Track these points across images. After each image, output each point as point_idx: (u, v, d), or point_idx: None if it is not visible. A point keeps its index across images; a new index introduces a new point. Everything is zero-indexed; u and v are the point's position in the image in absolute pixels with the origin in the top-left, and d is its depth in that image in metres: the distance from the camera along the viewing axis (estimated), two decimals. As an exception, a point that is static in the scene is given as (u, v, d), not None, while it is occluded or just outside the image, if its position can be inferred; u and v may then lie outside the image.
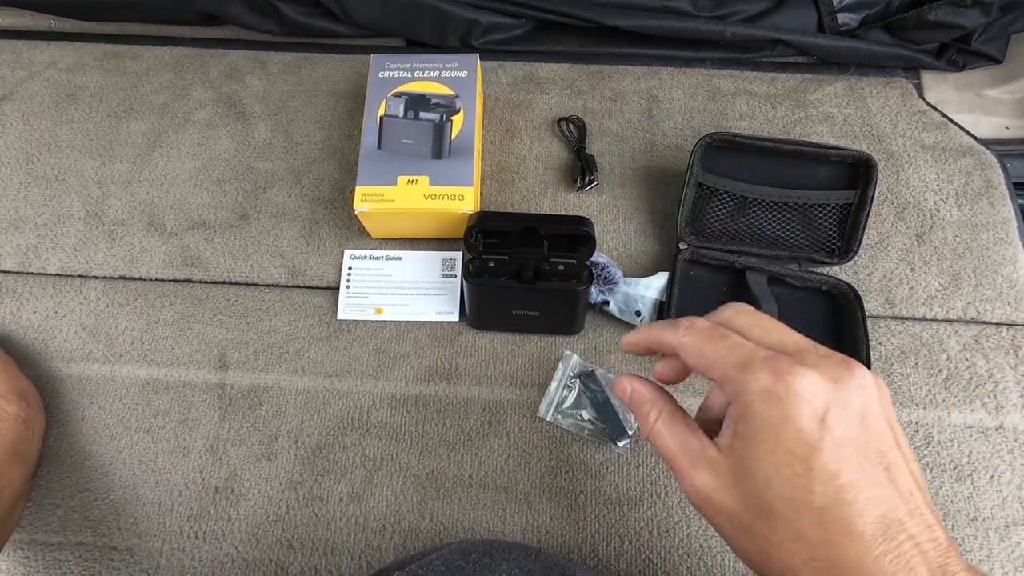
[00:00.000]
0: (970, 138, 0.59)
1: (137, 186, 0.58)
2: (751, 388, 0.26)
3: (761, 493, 0.26)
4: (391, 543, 0.46)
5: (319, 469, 0.48)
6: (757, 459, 0.26)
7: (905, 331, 0.51)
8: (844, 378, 0.26)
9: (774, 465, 0.25)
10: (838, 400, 0.25)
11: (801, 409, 0.25)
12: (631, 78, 0.63)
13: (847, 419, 0.25)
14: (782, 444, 0.25)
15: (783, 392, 0.25)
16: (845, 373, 0.26)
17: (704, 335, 0.29)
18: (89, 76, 0.63)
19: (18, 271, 0.54)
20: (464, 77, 0.55)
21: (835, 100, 0.61)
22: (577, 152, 0.58)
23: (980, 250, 0.54)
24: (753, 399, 0.26)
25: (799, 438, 0.25)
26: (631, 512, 0.46)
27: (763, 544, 0.26)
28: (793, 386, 0.25)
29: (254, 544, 0.46)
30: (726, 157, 0.52)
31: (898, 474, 0.25)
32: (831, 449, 0.25)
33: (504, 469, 0.48)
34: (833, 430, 0.25)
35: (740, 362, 0.27)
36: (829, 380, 0.25)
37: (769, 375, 0.26)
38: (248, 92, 0.62)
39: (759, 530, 0.26)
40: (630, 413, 0.48)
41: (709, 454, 0.28)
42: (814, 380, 0.25)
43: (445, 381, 0.50)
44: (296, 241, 0.55)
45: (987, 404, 0.49)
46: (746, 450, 0.26)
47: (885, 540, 0.24)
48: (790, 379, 0.25)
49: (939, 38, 0.60)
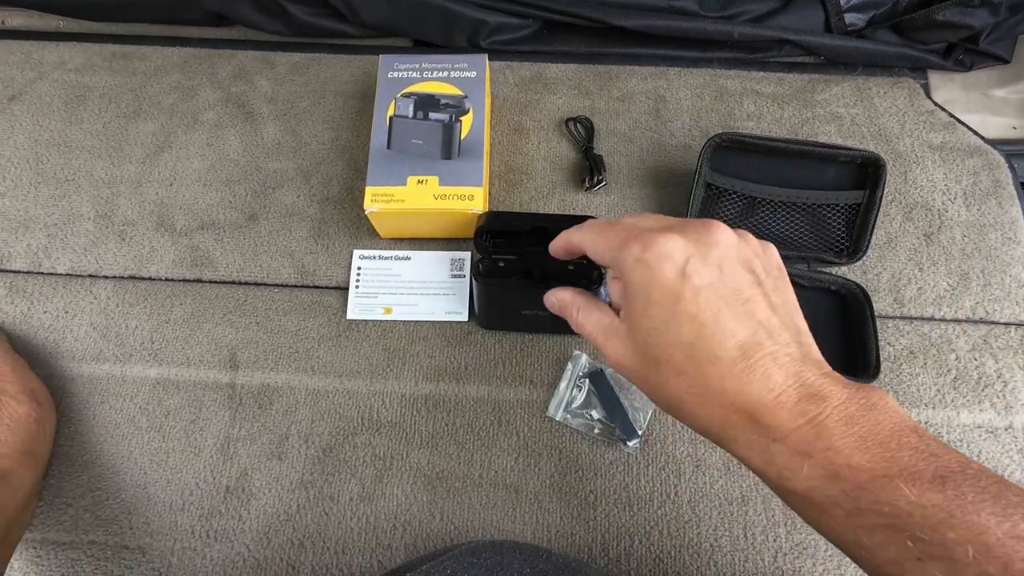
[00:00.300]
0: (978, 138, 0.59)
1: (146, 186, 0.58)
2: (627, 260, 0.31)
3: (646, 344, 0.31)
4: (402, 542, 0.46)
5: (329, 468, 0.48)
6: (638, 318, 0.31)
7: (914, 331, 0.51)
8: (702, 235, 0.30)
9: (649, 318, 0.30)
10: (696, 253, 0.30)
11: (664, 267, 0.30)
12: (638, 78, 0.63)
13: (704, 268, 0.30)
14: (653, 299, 0.30)
15: (650, 257, 0.30)
16: (703, 231, 0.31)
17: (596, 228, 0.34)
18: (98, 77, 0.63)
19: (28, 271, 0.55)
20: (473, 77, 0.55)
21: (842, 100, 0.61)
22: (585, 152, 0.58)
23: (988, 250, 0.54)
24: (628, 267, 0.31)
25: (664, 290, 0.30)
26: (641, 511, 0.46)
27: (659, 386, 0.31)
28: (656, 249, 0.30)
29: (265, 543, 0.46)
30: (735, 157, 0.52)
31: (756, 307, 0.30)
32: (691, 295, 0.29)
33: (514, 469, 0.48)
34: (692, 279, 0.29)
35: (619, 242, 0.32)
36: (690, 239, 0.30)
37: (639, 245, 0.30)
38: (256, 92, 0.62)
39: (653, 376, 0.31)
40: (640, 412, 0.49)
41: (614, 325, 0.33)
42: (675, 241, 0.30)
43: (454, 381, 0.50)
44: (305, 241, 0.55)
45: (996, 404, 0.49)
46: (631, 313, 0.31)
47: (743, 359, 0.28)
48: (654, 245, 0.30)
49: (947, 38, 0.60)
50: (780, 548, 0.45)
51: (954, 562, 0.23)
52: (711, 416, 0.29)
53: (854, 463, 0.26)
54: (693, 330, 0.29)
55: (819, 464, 0.27)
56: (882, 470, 0.26)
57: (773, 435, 0.28)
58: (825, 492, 0.26)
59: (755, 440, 0.28)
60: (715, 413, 0.29)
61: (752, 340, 0.29)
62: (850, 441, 0.27)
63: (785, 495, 0.29)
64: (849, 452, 0.26)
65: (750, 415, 0.28)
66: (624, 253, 0.31)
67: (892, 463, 0.26)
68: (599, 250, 0.33)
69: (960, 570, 0.23)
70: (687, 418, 0.31)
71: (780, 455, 0.28)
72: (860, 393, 0.28)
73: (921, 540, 0.24)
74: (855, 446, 0.26)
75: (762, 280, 0.31)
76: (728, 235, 0.31)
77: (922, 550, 0.24)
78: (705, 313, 0.29)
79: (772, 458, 0.28)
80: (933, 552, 0.24)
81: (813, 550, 0.45)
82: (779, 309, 0.30)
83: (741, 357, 0.29)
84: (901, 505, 0.25)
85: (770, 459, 0.28)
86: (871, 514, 0.25)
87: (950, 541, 0.23)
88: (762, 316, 0.30)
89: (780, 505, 0.46)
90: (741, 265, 0.31)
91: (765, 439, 0.28)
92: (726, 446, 0.30)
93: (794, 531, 0.46)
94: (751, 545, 0.45)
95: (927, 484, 0.25)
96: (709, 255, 0.30)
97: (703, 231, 0.31)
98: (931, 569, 0.24)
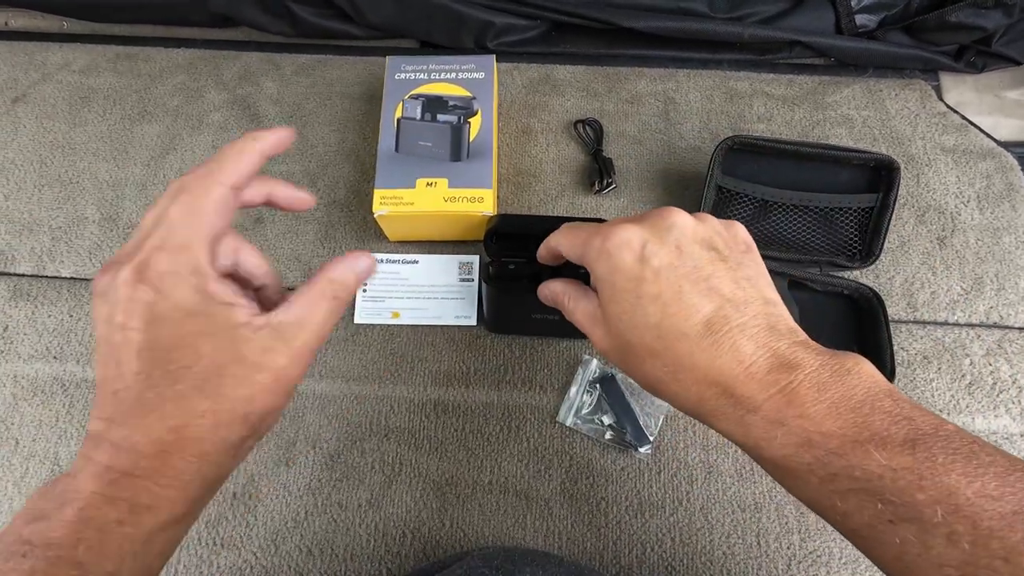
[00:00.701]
0: (990, 140, 0.58)
1: (151, 188, 0.57)
2: (590, 254, 0.32)
3: (618, 329, 0.31)
4: (411, 549, 0.46)
5: (337, 475, 0.47)
6: (607, 304, 0.32)
7: (927, 336, 0.51)
8: (657, 221, 0.32)
9: (617, 304, 0.31)
10: (653, 238, 0.31)
11: (623, 255, 0.31)
12: (647, 80, 0.62)
13: (662, 250, 0.31)
14: (617, 286, 0.31)
15: (610, 247, 0.31)
16: (658, 217, 0.32)
17: (567, 231, 0.35)
18: (102, 78, 0.63)
19: (33, 274, 0.54)
20: (481, 79, 0.54)
21: (853, 102, 0.61)
22: (594, 155, 0.57)
23: (1002, 254, 0.53)
24: (592, 260, 0.32)
25: (626, 276, 0.31)
26: (653, 518, 0.46)
27: (636, 368, 0.32)
28: (614, 239, 0.31)
29: (273, 551, 0.45)
30: (746, 160, 0.52)
31: (719, 282, 0.30)
32: (652, 277, 0.30)
33: (524, 475, 0.47)
34: (651, 261, 0.30)
35: (585, 239, 0.33)
36: (645, 226, 0.31)
37: (599, 238, 0.32)
38: (262, 94, 0.62)
39: (630, 359, 0.32)
40: (651, 418, 0.48)
41: (597, 314, 0.34)
42: (631, 230, 0.31)
43: (463, 386, 0.50)
44: (312, 244, 0.55)
45: (1011, 410, 0.48)
46: (601, 302, 0.32)
47: (710, 334, 0.29)
48: (612, 235, 0.31)
49: (959, 40, 0.60)
50: (794, 556, 0.45)
51: (924, 523, 0.24)
52: (687, 392, 0.30)
53: (825, 429, 0.26)
54: (658, 310, 0.30)
55: (792, 432, 0.27)
56: (853, 435, 0.26)
57: (747, 406, 0.28)
58: (799, 459, 0.27)
59: (731, 412, 0.29)
60: (691, 389, 0.30)
61: (718, 314, 0.29)
62: (822, 408, 0.27)
63: (763, 463, 0.29)
64: (820, 419, 0.27)
65: (723, 388, 0.29)
66: (588, 248, 0.33)
67: (863, 428, 0.26)
68: (571, 249, 0.35)
69: (930, 530, 0.24)
70: (667, 396, 0.31)
71: (755, 426, 0.28)
72: (834, 360, 0.28)
73: (891, 503, 0.24)
74: (826, 412, 0.27)
75: (725, 256, 0.31)
76: (684, 217, 0.32)
77: (893, 512, 0.24)
78: (667, 292, 0.30)
79: (748, 429, 0.28)
80: (903, 514, 0.24)
81: (827, 558, 0.45)
82: (744, 283, 0.31)
83: (708, 332, 0.29)
84: (872, 469, 0.25)
85: (746, 430, 0.28)
86: (844, 479, 0.26)
87: (919, 503, 0.24)
88: (726, 290, 0.30)
89: (794, 512, 0.46)
90: (699, 244, 0.31)
91: (740, 410, 0.28)
92: (706, 420, 0.31)
93: (808, 539, 0.45)
94: (764, 552, 0.45)
95: (897, 448, 0.25)
96: (666, 238, 0.31)
97: (658, 217, 0.32)
98: (902, 531, 0.24)
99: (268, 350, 0.27)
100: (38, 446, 0.49)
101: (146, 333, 0.26)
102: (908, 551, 0.24)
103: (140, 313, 0.26)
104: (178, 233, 0.27)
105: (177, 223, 0.27)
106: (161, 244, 0.26)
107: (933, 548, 0.23)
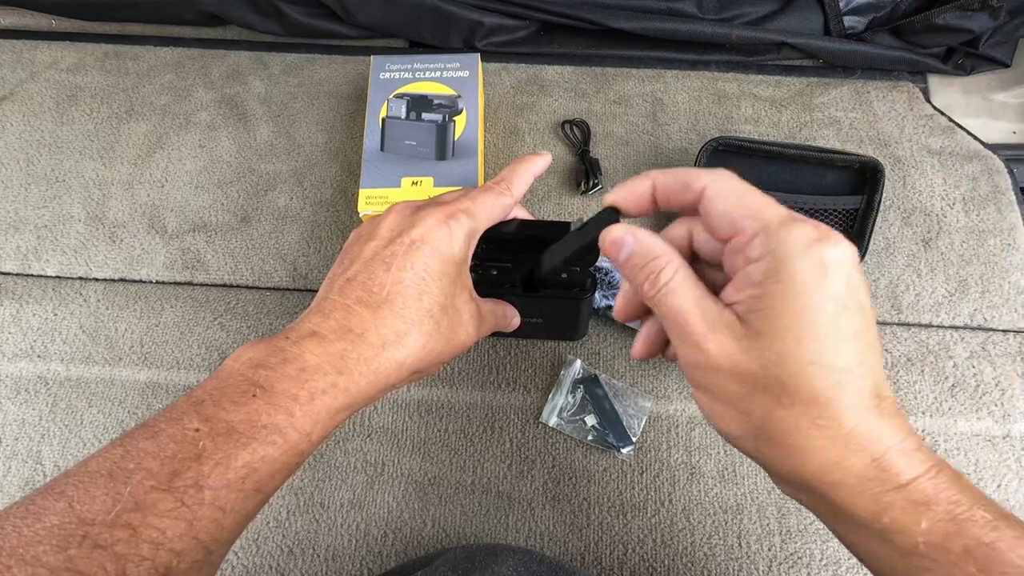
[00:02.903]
0: (977, 143, 0.58)
1: (138, 187, 0.57)
2: (792, 242, 0.25)
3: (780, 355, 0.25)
4: (392, 549, 0.46)
5: (320, 474, 0.47)
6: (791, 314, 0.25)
7: (911, 338, 0.51)
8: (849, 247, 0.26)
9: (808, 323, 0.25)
10: (855, 264, 0.26)
11: (838, 272, 0.25)
12: (635, 81, 0.62)
13: (863, 286, 0.26)
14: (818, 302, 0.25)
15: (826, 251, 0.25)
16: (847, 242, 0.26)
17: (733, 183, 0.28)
18: (90, 76, 0.63)
19: (18, 273, 0.54)
20: (466, 77, 0.54)
21: (841, 104, 0.61)
22: (581, 155, 0.57)
23: (987, 256, 0.53)
24: (793, 253, 0.25)
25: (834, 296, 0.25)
26: (635, 519, 0.46)
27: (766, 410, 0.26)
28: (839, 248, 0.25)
29: (254, 550, 0.45)
30: (732, 161, 0.52)
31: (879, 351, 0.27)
32: (856, 310, 0.25)
33: (507, 475, 0.47)
34: (857, 294, 0.25)
35: (784, 215, 0.26)
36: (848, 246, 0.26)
37: (813, 230, 0.25)
38: (250, 93, 0.62)
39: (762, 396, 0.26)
40: (634, 419, 0.48)
41: (726, 316, 0.27)
42: (846, 244, 0.26)
43: (447, 386, 0.50)
44: (298, 244, 0.55)
45: (994, 412, 0.48)
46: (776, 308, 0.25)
47: (878, 399, 0.25)
48: (831, 237, 0.25)
49: (947, 42, 0.60)
50: (775, 557, 0.45)
51: None
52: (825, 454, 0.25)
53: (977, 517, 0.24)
54: (851, 352, 0.25)
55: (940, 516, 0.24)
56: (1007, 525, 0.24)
57: (895, 482, 0.25)
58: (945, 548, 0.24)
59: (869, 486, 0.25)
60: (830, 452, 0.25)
61: (882, 383, 0.26)
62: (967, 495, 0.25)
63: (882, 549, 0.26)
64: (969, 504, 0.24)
65: (876, 459, 0.25)
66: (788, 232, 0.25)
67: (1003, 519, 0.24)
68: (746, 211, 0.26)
69: None
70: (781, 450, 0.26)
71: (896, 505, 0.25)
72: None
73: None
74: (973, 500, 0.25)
75: None
76: None
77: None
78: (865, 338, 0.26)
79: (885, 508, 0.25)
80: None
81: (808, 559, 0.45)
82: None
83: (875, 397, 0.26)
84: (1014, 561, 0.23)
85: (883, 508, 0.25)
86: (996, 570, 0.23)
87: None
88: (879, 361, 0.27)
89: (775, 514, 0.46)
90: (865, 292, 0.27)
91: (882, 486, 0.25)
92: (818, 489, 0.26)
93: (789, 540, 0.45)
94: (745, 554, 0.45)
95: None
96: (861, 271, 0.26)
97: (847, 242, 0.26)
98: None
99: None
100: (20, 445, 0.49)
101: None
102: None
103: None
104: None
105: None
106: None
107: None
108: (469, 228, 0.36)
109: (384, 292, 0.33)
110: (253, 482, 0.28)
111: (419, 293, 0.33)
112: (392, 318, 0.32)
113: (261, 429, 0.28)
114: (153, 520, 0.25)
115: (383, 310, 0.32)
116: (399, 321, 0.32)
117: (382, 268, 0.33)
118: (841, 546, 0.44)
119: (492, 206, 0.37)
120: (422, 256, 0.34)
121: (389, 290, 0.33)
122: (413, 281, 0.33)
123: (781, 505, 0.46)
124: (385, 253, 0.34)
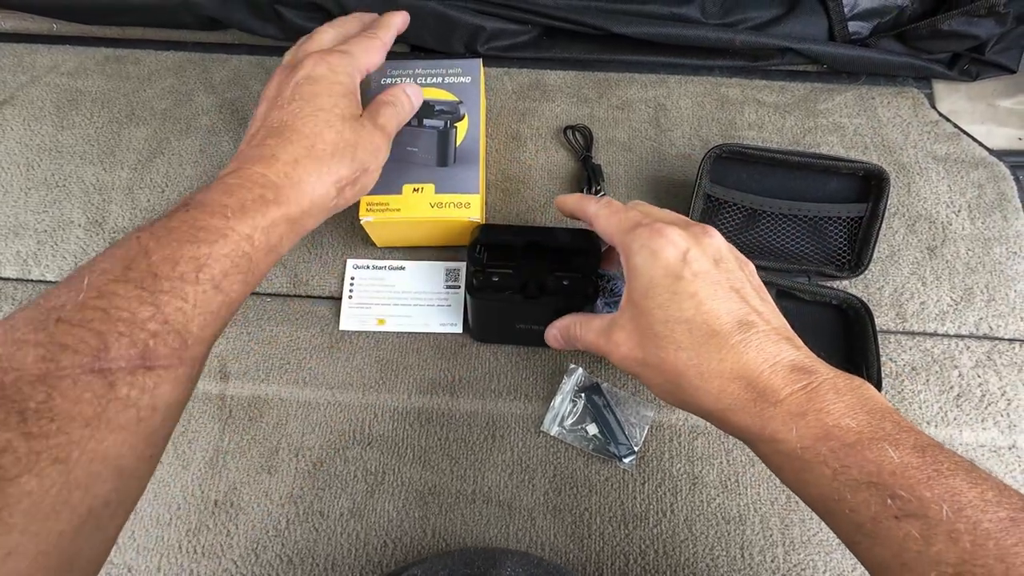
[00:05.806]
0: (983, 149, 0.58)
1: (139, 193, 0.57)
2: (633, 245, 0.35)
3: (648, 322, 0.34)
4: (392, 559, 0.45)
5: (320, 483, 0.47)
6: (640, 298, 0.34)
7: (916, 347, 0.50)
8: (700, 235, 0.35)
9: (651, 297, 0.34)
10: (696, 246, 0.34)
11: (667, 251, 0.34)
12: (638, 86, 0.62)
13: (703, 259, 0.34)
14: (655, 279, 0.34)
15: (656, 243, 0.34)
16: (702, 232, 0.35)
17: (611, 208, 0.38)
18: (91, 81, 0.63)
19: (18, 278, 0.54)
20: (468, 82, 0.54)
21: (845, 110, 0.60)
22: (583, 161, 0.57)
23: (993, 264, 0.53)
24: (633, 251, 0.35)
25: (667, 271, 0.33)
26: (636, 529, 0.46)
27: (659, 364, 0.34)
28: (662, 236, 0.34)
29: (254, 559, 0.45)
30: (735, 168, 0.52)
31: (747, 296, 0.34)
32: (690, 277, 0.33)
33: (507, 484, 0.47)
34: (692, 264, 0.33)
35: (630, 226, 0.36)
36: (689, 234, 0.35)
37: (646, 231, 0.35)
38: (251, 98, 0.62)
39: (654, 355, 0.34)
40: (636, 428, 0.48)
41: (614, 320, 0.36)
42: (679, 233, 0.34)
43: (448, 394, 0.50)
44: (298, 250, 0.54)
45: (1000, 423, 0.48)
46: (633, 293, 0.35)
47: (740, 332, 0.32)
48: (660, 233, 0.34)
49: (952, 48, 0.59)
50: (778, 568, 0.44)
51: (929, 519, 0.25)
52: (708, 386, 0.32)
53: (844, 424, 0.29)
54: (692, 306, 0.33)
55: (811, 424, 0.29)
56: (869, 433, 0.28)
57: (770, 399, 0.31)
58: (815, 451, 0.29)
59: (751, 406, 0.31)
60: (712, 383, 0.32)
61: (746, 319, 0.32)
62: (840, 406, 0.29)
63: (774, 456, 0.31)
64: (839, 415, 0.29)
65: (748, 382, 0.31)
66: (631, 237, 0.35)
67: (877, 429, 0.29)
68: (609, 229, 0.37)
69: (933, 527, 0.25)
70: (684, 393, 0.33)
71: (775, 418, 0.30)
72: (845, 375, 0.31)
73: (900, 497, 0.26)
74: (844, 411, 0.29)
75: (750, 279, 0.36)
76: (722, 240, 0.36)
77: (900, 507, 0.26)
78: (703, 292, 0.33)
79: (767, 422, 0.31)
80: (911, 509, 0.26)
81: (812, 571, 0.44)
82: (767, 302, 0.35)
83: (737, 331, 0.32)
84: (885, 464, 0.27)
85: (764, 423, 0.31)
86: (856, 471, 0.28)
87: (927, 499, 0.26)
88: (754, 302, 0.34)
89: (778, 524, 0.45)
90: (733, 262, 0.35)
91: (761, 404, 0.31)
92: (720, 415, 0.32)
93: (792, 552, 0.45)
94: (748, 565, 0.45)
95: (908, 449, 0.28)
96: (707, 250, 0.34)
97: (701, 232, 0.35)
98: (907, 526, 0.26)
99: None
100: (19, 452, 0.48)
101: None
102: (909, 548, 0.26)
103: None
104: None
105: None
106: None
107: (934, 545, 0.25)
108: (347, 62, 0.41)
109: (283, 121, 0.38)
110: (208, 277, 0.31)
111: (313, 112, 0.38)
112: (295, 136, 0.37)
113: (200, 230, 0.31)
114: (120, 303, 0.28)
115: (286, 133, 0.37)
116: (302, 138, 0.37)
117: (276, 110, 0.39)
118: (845, 558, 0.44)
119: (366, 47, 0.43)
120: (308, 86, 0.39)
121: (286, 119, 0.38)
122: (305, 108, 0.38)
123: (784, 516, 0.46)
124: (279, 101, 0.39)
